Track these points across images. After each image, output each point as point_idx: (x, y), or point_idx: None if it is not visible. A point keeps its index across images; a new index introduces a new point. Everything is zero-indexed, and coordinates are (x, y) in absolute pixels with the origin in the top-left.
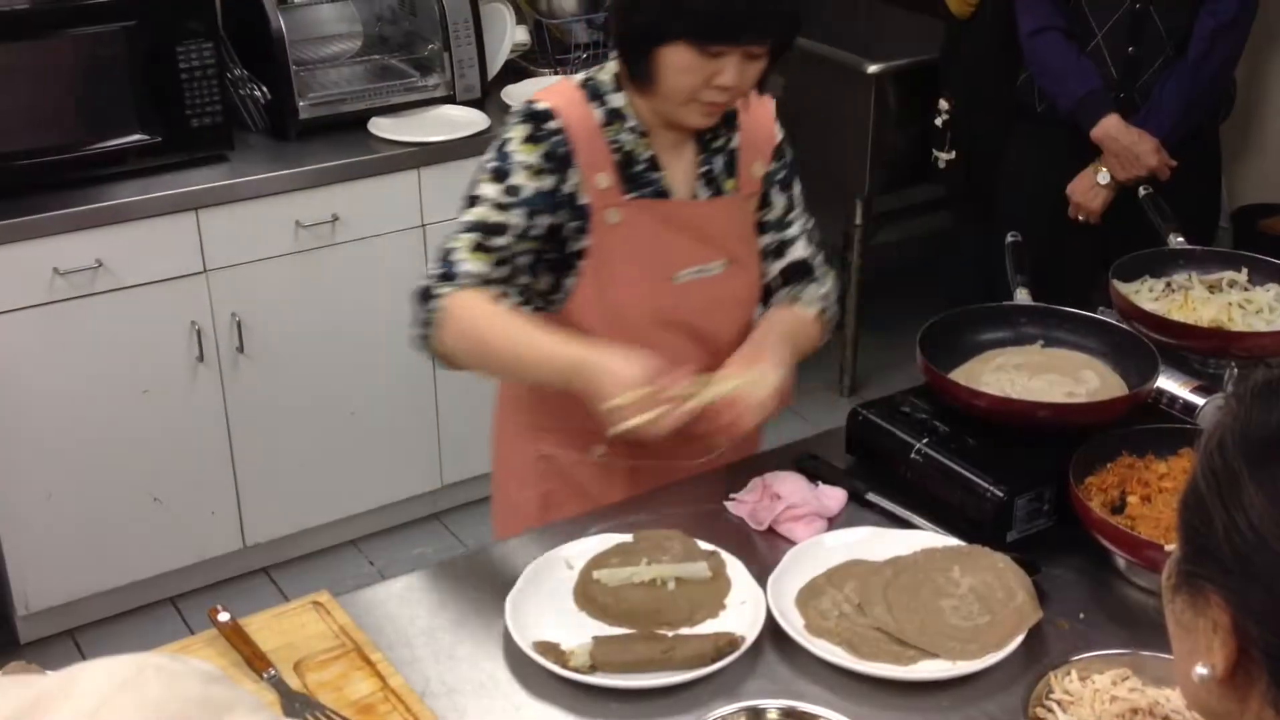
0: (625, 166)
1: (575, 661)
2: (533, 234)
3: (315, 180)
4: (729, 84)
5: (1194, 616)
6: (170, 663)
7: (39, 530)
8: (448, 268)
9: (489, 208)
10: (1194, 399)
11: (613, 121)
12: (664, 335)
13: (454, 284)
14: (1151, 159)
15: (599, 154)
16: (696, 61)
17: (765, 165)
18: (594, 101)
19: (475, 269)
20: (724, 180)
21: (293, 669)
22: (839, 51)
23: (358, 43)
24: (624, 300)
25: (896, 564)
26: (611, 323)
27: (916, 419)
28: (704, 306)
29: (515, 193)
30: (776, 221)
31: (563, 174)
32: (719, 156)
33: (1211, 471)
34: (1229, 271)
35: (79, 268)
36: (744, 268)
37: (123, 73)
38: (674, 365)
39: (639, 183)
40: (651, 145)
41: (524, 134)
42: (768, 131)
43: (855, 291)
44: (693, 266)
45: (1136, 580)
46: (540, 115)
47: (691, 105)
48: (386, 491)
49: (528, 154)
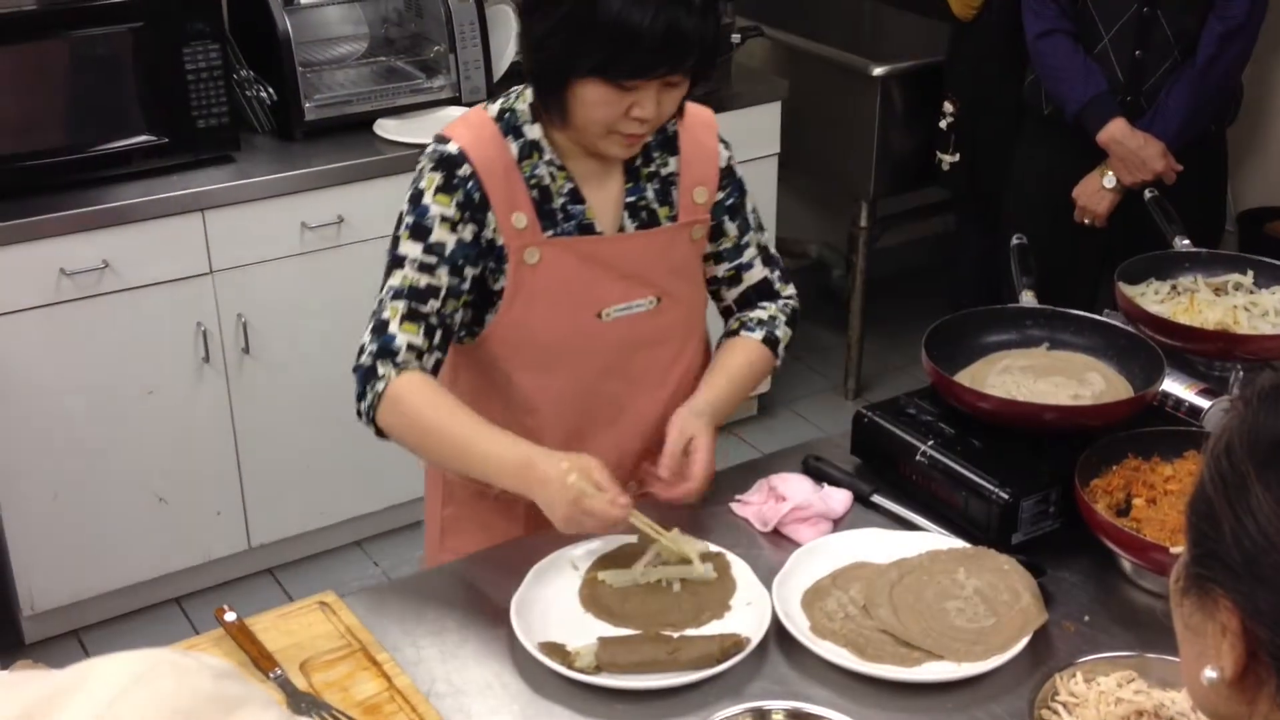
0: (544, 202)
1: (580, 662)
2: (463, 288)
3: (321, 181)
4: (646, 116)
5: (1202, 620)
6: (183, 658)
7: (44, 530)
8: (385, 342)
9: (415, 270)
10: (1199, 402)
11: (530, 154)
12: (590, 371)
13: (394, 363)
14: (1158, 163)
15: (515, 192)
16: (610, 95)
17: (711, 192)
18: (509, 135)
19: (411, 340)
20: (658, 208)
21: (299, 669)
22: (844, 54)
23: (364, 44)
24: (546, 340)
25: (902, 566)
26: (534, 361)
27: (922, 421)
28: (633, 344)
29: (438, 251)
30: (732, 250)
31: (480, 219)
32: (651, 183)
33: (1219, 475)
34: (1234, 274)
35: (85, 268)
36: (677, 302)
37: (129, 74)
38: (605, 408)
39: (560, 217)
40: (572, 176)
41: (437, 183)
42: (710, 153)
43: (860, 294)
44: (619, 304)
45: (1142, 583)
46: (451, 161)
47: (610, 137)
48: (391, 493)
49: (444, 205)
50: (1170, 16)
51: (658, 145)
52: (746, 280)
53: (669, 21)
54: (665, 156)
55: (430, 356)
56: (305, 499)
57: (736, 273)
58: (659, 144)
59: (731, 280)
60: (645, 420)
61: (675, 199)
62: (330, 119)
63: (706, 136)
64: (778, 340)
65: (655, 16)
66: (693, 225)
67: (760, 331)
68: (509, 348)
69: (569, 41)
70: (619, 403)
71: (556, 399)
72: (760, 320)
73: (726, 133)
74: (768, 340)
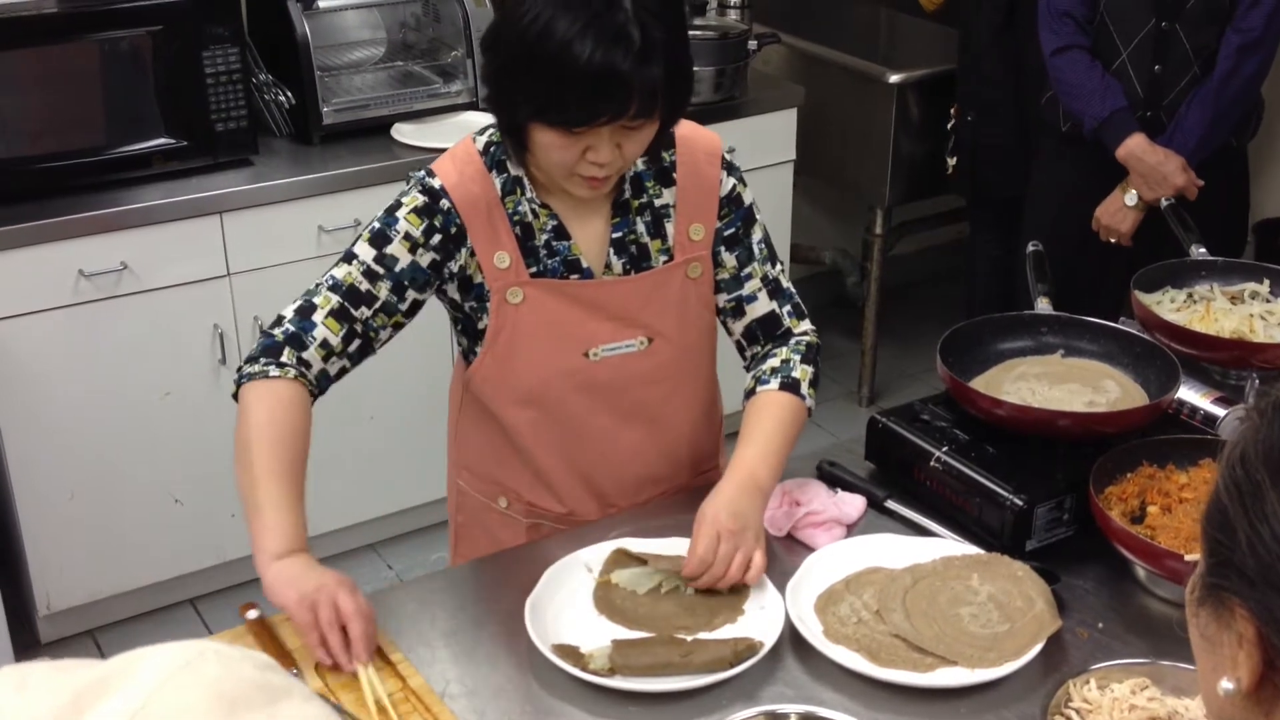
0: (526, 239)
1: (594, 664)
2: (399, 308)
3: (338, 185)
4: (602, 160)
5: (1219, 630)
6: (228, 649)
7: (60, 530)
8: (304, 327)
9: (360, 272)
10: (1215, 410)
11: (513, 190)
12: (579, 408)
13: (297, 355)
14: (1178, 178)
15: (498, 230)
16: (561, 139)
17: (709, 229)
18: (493, 170)
19: (328, 337)
20: (649, 242)
21: (314, 669)
22: (860, 61)
23: (381, 49)
24: (532, 379)
25: (915, 571)
26: (521, 397)
27: (936, 427)
28: (626, 382)
29: (388, 264)
30: (731, 280)
31: (448, 252)
32: (642, 216)
33: (1234, 484)
34: (1251, 283)
35: (104, 270)
36: (669, 341)
37: (148, 77)
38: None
39: (544, 254)
40: (555, 214)
41: (416, 204)
42: (709, 185)
43: (875, 301)
44: (608, 344)
45: (1156, 590)
46: (433, 193)
47: (572, 179)
48: (405, 496)
49: (414, 225)
50: (1189, 31)
51: (652, 175)
52: (750, 313)
53: (605, 65)
54: (659, 188)
55: (338, 361)
56: (319, 502)
57: (738, 304)
58: (654, 174)
59: (734, 311)
60: (639, 451)
61: (669, 233)
62: (348, 123)
63: (708, 166)
64: (797, 382)
65: (590, 59)
66: (688, 264)
67: (775, 380)
68: (493, 386)
69: (512, 84)
70: (610, 436)
71: (545, 433)
72: (773, 369)
73: (741, 139)
74: (786, 385)
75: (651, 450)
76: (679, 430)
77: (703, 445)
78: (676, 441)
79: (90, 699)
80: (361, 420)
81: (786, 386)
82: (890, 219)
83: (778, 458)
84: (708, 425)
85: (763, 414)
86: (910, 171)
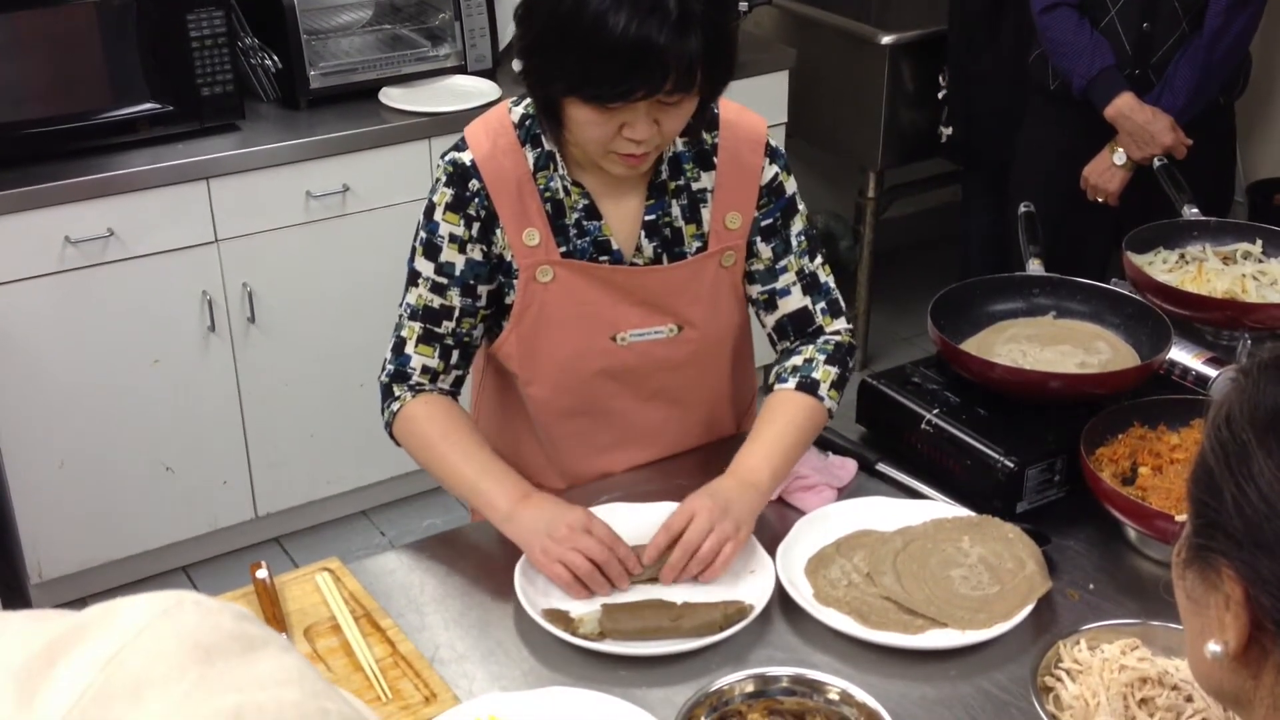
0: (557, 217)
1: (584, 629)
2: (478, 305)
3: (326, 150)
4: (639, 137)
5: (1205, 592)
6: (206, 599)
7: (51, 499)
8: (400, 364)
9: (428, 289)
10: (1206, 370)
11: (546, 166)
12: (604, 390)
13: (408, 385)
14: (1167, 137)
15: (529, 207)
16: (596, 115)
17: (746, 218)
18: (527, 144)
19: (426, 363)
20: (684, 226)
21: (303, 634)
22: (852, 22)
23: (369, 12)
24: (557, 358)
25: (906, 534)
26: (544, 375)
27: (927, 389)
28: (653, 367)
29: (448, 271)
30: (765, 272)
31: (488, 238)
32: (678, 199)
33: (1219, 445)
34: (1243, 243)
35: (90, 237)
36: (699, 329)
37: (133, 41)
38: (617, 422)
39: (574, 234)
40: (588, 192)
41: (447, 200)
42: (751, 172)
43: (867, 265)
44: (636, 329)
45: (1147, 551)
46: (462, 174)
47: (608, 157)
48: (398, 463)
49: (453, 224)
50: None
51: (691, 157)
52: (783, 308)
53: (640, 37)
54: (698, 171)
55: (448, 376)
56: (311, 468)
57: (771, 297)
58: (693, 156)
59: (766, 305)
60: (659, 433)
61: (705, 219)
62: (335, 87)
63: (750, 153)
64: (816, 383)
65: (624, 31)
66: (723, 252)
67: (793, 380)
68: (517, 362)
69: (545, 59)
70: (630, 418)
71: (568, 412)
72: (794, 368)
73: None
74: (803, 386)
75: (670, 431)
76: (699, 412)
77: (724, 424)
78: (696, 423)
79: (64, 647)
80: (353, 386)
81: (804, 387)
82: (883, 182)
83: (783, 459)
84: (732, 407)
85: (775, 414)
86: (903, 134)
